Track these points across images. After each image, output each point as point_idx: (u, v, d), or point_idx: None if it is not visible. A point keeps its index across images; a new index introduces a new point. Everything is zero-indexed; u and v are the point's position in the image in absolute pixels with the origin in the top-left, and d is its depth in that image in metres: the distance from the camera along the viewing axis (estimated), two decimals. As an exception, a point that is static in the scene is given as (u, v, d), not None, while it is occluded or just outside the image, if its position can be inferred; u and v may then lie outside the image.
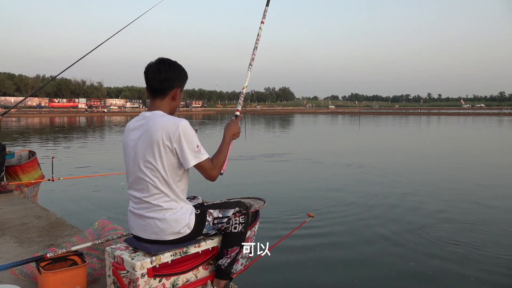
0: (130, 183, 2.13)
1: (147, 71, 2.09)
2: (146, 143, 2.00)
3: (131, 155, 2.08)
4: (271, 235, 4.68)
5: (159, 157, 1.98)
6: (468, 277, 3.95)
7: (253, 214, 2.53)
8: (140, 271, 1.96)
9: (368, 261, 4.37)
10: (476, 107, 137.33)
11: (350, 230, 5.32)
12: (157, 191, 2.01)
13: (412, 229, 5.41)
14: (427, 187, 8.25)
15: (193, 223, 2.09)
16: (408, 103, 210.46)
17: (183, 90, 2.18)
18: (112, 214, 6.02)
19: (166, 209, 2.03)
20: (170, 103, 2.13)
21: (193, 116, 64.08)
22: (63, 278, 2.18)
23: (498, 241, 4.92)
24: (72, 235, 3.36)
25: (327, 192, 7.75)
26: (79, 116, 63.28)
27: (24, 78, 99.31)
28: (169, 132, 1.96)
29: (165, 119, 2.01)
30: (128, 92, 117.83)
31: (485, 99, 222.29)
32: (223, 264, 2.23)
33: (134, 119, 2.14)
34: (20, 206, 4.45)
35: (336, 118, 55.54)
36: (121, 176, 8.39)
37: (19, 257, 2.90)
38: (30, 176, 5.04)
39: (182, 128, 1.96)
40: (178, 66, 2.13)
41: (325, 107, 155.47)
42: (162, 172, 1.99)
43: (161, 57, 2.12)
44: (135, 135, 2.08)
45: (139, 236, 2.11)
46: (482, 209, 6.49)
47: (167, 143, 1.96)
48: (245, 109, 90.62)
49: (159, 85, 2.07)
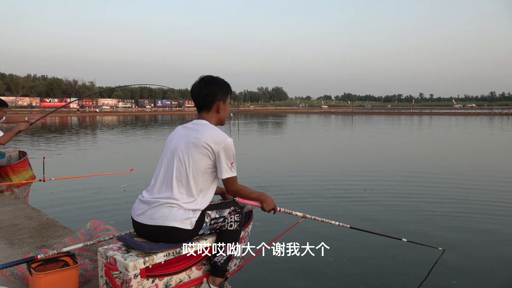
0: (157, 175, 2.26)
1: (191, 90, 2.33)
2: (188, 142, 2.19)
3: (169, 150, 2.26)
4: (265, 235, 4.69)
5: (193, 156, 2.15)
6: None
7: (247, 214, 2.56)
8: (133, 272, 1.95)
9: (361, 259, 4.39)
10: (468, 107, 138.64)
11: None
12: (180, 184, 2.16)
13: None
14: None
15: (195, 221, 2.16)
16: (400, 103, 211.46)
17: (227, 102, 2.37)
18: (105, 214, 5.97)
19: (182, 200, 2.15)
20: (216, 115, 2.34)
21: (186, 116, 63.93)
22: (55, 280, 2.17)
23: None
24: (64, 236, 3.34)
25: (323, 191, 7.78)
26: (71, 116, 62.80)
27: (15, 78, 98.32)
28: (215, 140, 2.17)
29: (216, 130, 2.24)
30: (121, 92, 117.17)
31: (476, 99, 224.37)
32: (219, 262, 2.26)
33: (185, 124, 2.36)
34: (11, 206, 4.41)
35: (329, 118, 55.72)
36: (114, 176, 8.39)
37: (10, 259, 2.87)
38: (21, 176, 4.99)
39: (227, 143, 2.17)
40: (218, 82, 2.32)
41: (318, 107, 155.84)
42: (189, 170, 2.15)
43: (202, 75, 2.33)
44: (181, 133, 2.28)
45: (140, 222, 2.17)
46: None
47: (209, 147, 2.15)
48: (237, 108, 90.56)
49: (202, 101, 2.29)
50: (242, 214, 2.38)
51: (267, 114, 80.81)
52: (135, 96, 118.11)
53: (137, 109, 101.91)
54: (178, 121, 46.64)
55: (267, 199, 2.40)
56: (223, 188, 2.33)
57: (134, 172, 6.30)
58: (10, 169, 4.90)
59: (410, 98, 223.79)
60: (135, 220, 2.22)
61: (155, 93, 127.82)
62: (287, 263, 4.07)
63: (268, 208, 2.40)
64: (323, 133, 26.14)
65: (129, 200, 6.62)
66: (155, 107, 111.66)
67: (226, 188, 2.28)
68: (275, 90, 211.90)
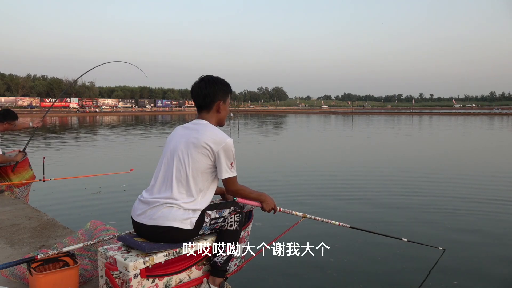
0: (157, 175, 2.26)
1: (191, 90, 2.34)
2: (188, 142, 2.19)
3: (169, 150, 2.27)
4: (265, 235, 4.69)
5: (193, 156, 2.15)
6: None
7: (247, 214, 2.55)
8: (133, 272, 1.95)
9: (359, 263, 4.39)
10: (467, 107, 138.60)
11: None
12: (180, 184, 2.16)
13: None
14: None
15: (195, 221, 2.16)
16: (400, 103, 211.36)
17: (227, 102, 2.38)
18: (105, 214, 5.97)
19: (181, 200, 2.15)
20: (216, 115, 2.34)
21: (186, 116, 63.90)
22: (55, 280, 2.16)
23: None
24: (64, 236, 3.33)
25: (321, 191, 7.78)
26: (71, 116, 62.79)
27: (15, 78, 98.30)
28: (215, 140, 2.16)
29: (216, 130, 2.23)
30: (121, 92, 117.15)
31: (476, 99, 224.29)
32: (219, 261, 2.26)
33: (185, 124, 2.35)
34: (11, 206, 4.41)
35: (329, 118, 55.71)
36: (114, 176, 8.39)
37: (10, 259, 2.87)
38: (21, 176, 4.99)
39: (227, 143, 2.17)
40: (218, 82, 2.33)
41: (318, 107, 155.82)
42: (188, 170, 2.15)
43: (203, 75, 2.34)
44: (181, 133, 2.29)
45: (139, 222, 2.17)
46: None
47: (208, 147, 2.15)
48: (237, 108, 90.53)
49: (202, 101, 2.30)
50: (242, 214, 2.38)
51: (267, 114, 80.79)
52: (135, 96, 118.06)
53: (137, 109, 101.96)
54: (178, 121, 46.62)
55: (267, 199, 2.40)
56: (223, 188, 2.32)
57: (134, 172, 6.30)
58: (10, 169, 4.90)
59: (410, 98, 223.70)
60: (135, 220, 2.22)
61: (155, 93, 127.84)
62: (287, 263, 4.07)
63: (268, 208, 2.40)
64: (323, 133, 26.14)
65: (129, 200, 6.62)
66: (155, 107, 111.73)
67: (226, 188, 2.28)
68: (275, 90, 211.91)
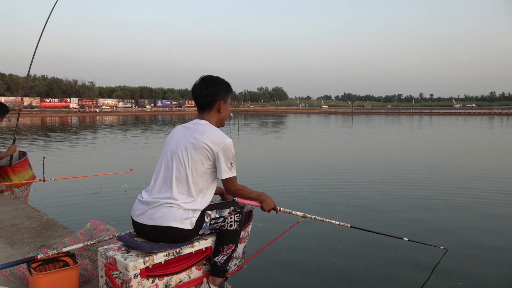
0: (156, 176, 2.26)
1: (192, 90, 2.35)
2: (187, 142, 2.19)
3: (169, 150, 2.27)
4: (265, 235, 4.68)
5: (193, 157, 2.16)
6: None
7: (247, 214, 2.56)
8: (133, 272, 1.95)
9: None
10: (467, 107, 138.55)
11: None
12: (180, 184, 2.16)
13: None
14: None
15: (195, 221, 2.15)
16: (400, 103, 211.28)
17: (228, 102, 2.39)
18: (105, 214, 5.97)
19: (181, 200, 2.15)
20: (217, 115, 2.35)
21: (186, 116, 63.91)
22: (55, 280, 2.16)
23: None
24: (64, 236, 3.33)
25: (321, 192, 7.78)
26: (71, 116, 62.80)
27: (15, 78, 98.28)
28: (215, 141, 2.16)
29: (216, 131, 2.23)
30: (121, 92, 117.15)
31: (476, 99, 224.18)
32: (219, 261, 2.26)
33: (185, 124, 2.35)
34: (11, 207, 4.40)
35: (329, 118, 55.71)
36: (114, 176, 8.39)
37: (10, 259, 2.87)
38: (21, 176, 4.98)
39: (226, 144, 2.17)
40: (219, 82, 2.33)
41: (318, 107, 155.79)
42: (188, 170, 2.15)
43: (203, 75, 2.35)
44: (181, 133, 2.29)
45: (139, 222, 2.17)
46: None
47: (208, 147, 2.15)
48: (237, 108, 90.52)
49: (203, 101, 2.30)
50: (242, 214, 2.38)
51: (267, 114, 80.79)
52: (135, 96, 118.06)
53: (137, 109, 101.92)
54: (178, 121, 46.63)
55: (267, 199, 2.40)
56: (223, 188, 2.32)
57: (134, 172, 6.30)
58: (10, 169, 4.89)
59: (410, 98, 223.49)
60: (135, 220, 2.22)
61: (155, 93, 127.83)
62: (287, 263, 4.07)
63: (268, 208, 2.40)
64: (323, 133, 26.15)
65: (130, 200, 6.62)
66: (155, 107, 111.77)
67: (225, 188, 2.28)
68: (275, 90, 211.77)
